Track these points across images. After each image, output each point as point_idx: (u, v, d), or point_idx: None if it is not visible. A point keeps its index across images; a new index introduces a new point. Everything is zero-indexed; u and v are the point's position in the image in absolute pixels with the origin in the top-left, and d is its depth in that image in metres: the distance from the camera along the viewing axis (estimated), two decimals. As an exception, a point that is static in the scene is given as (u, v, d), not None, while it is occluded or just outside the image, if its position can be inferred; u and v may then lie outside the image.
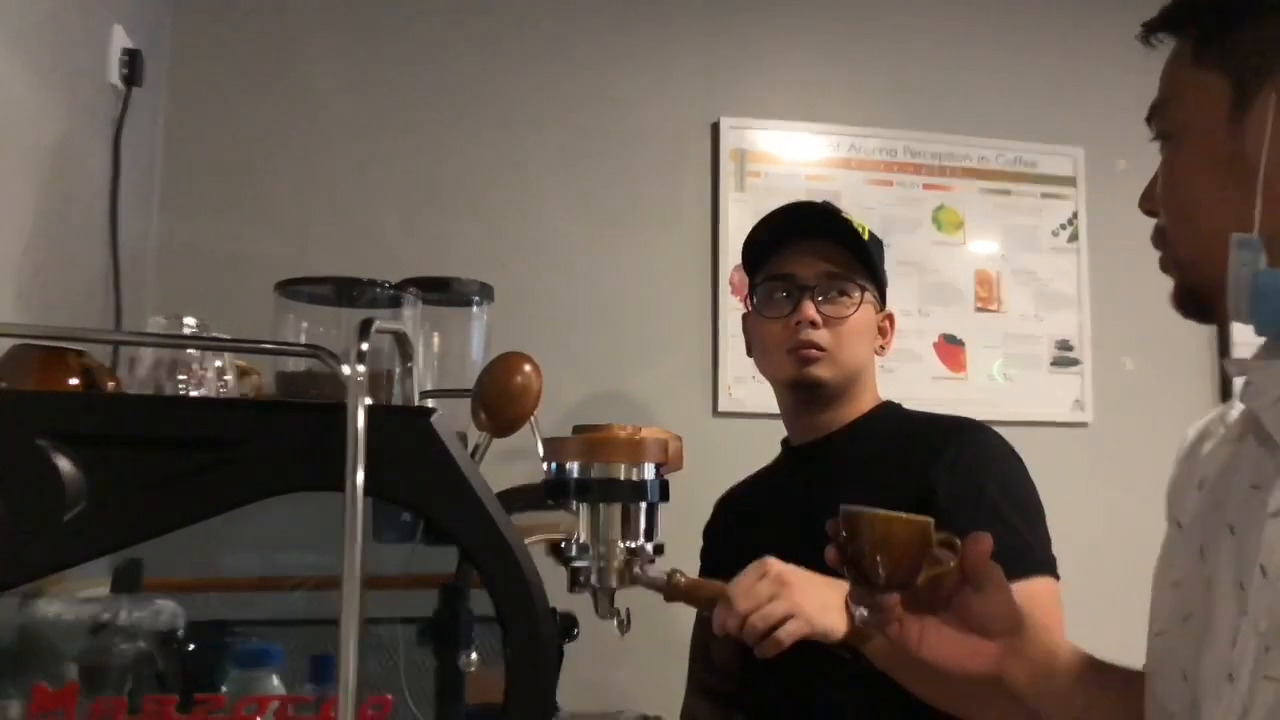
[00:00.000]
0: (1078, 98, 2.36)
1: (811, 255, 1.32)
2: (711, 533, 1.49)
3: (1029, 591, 1.12)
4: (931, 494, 1.19)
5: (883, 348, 1.40)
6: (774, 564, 1.04)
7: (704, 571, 1.44)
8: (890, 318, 1.41)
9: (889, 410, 1.38)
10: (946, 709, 1.09)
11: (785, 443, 1.44)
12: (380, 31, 2.16)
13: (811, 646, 1.04)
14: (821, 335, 1.29)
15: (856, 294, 1.32)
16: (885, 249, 1.44)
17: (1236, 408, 0.85)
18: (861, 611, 1.02)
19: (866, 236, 1.36)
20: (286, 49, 2.11)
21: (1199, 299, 0.78)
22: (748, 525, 1.39)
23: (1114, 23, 0.84)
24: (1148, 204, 0.81)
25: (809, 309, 1.30)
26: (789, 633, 1.00)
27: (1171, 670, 0.78)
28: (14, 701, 0.91)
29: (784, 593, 1.01)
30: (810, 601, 1.01)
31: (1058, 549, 1.22)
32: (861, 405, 1.36)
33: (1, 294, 1.25)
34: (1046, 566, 1.18)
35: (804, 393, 1.34)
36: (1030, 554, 1.17)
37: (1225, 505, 0.79)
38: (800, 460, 1.37)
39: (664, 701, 1.38)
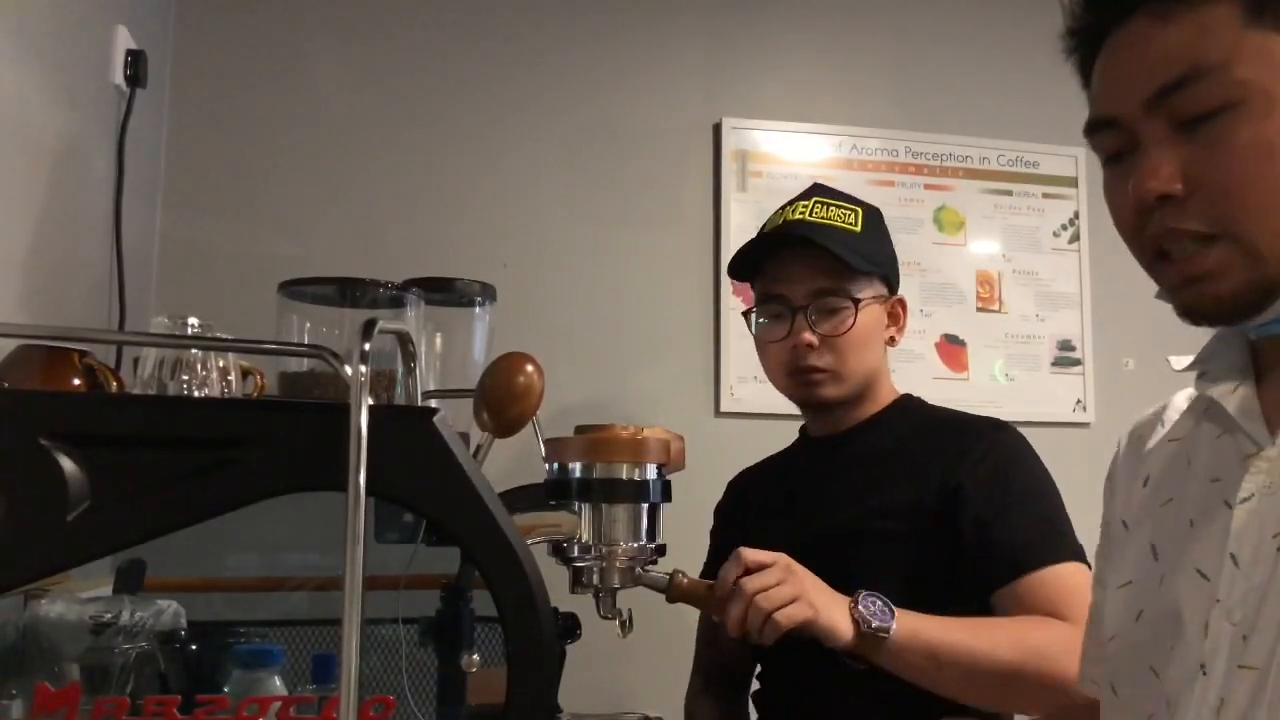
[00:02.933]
0: (1079, 98, 2.35)
1: (800, 272, 1.27)
2: (724, 515, 1.47)
3: (1061, 577, 1.13)
4: (956, 490, 1.18)
5: (894, 339, 1.34)
6: (783, 557, 1.04)
7: (714, 552, 1.43)
8: (901, 302, 1.35)
9: (909, 404, 1.35)
10: (964, 701, 1.09)
11: (803, 431, 1.43)
12: (382, 32, 2.16)
13: (821, 649, 1.04)
14: (821, 356, 1.26)
15: (851, 305, 1.26)
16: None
17: (1175, 407, 0.85)
18: (868, 620, 1.02)
19: (860, 227, 1.29)
20: (289, 50, 2.11)
21: (1262, 295, 0.68)
22: (765, 515, 1.36)
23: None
24: (1171, 185, 0.68)
25: (804, 333, 1.26)
26: (790, 615, 0.99)
27: (1139, 670, 0.77)
28: (16, 701, 0.91)
29: (791, 579, 1.01)
30: (818, 594, 1.01)
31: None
32: (880, 400, 1.33)
33: (5, 294, 1.25)
34: (1077, 553, 1.17)
35: (813, 410, 1.33)
36: (1062, 540, 1.17)
37: (1180, 501, 0.78)
38: (820, 453, 1.35)
39: (666, 702, 1.38)
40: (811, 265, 1.26)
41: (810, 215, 1.29)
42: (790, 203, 1.33)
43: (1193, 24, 0.68)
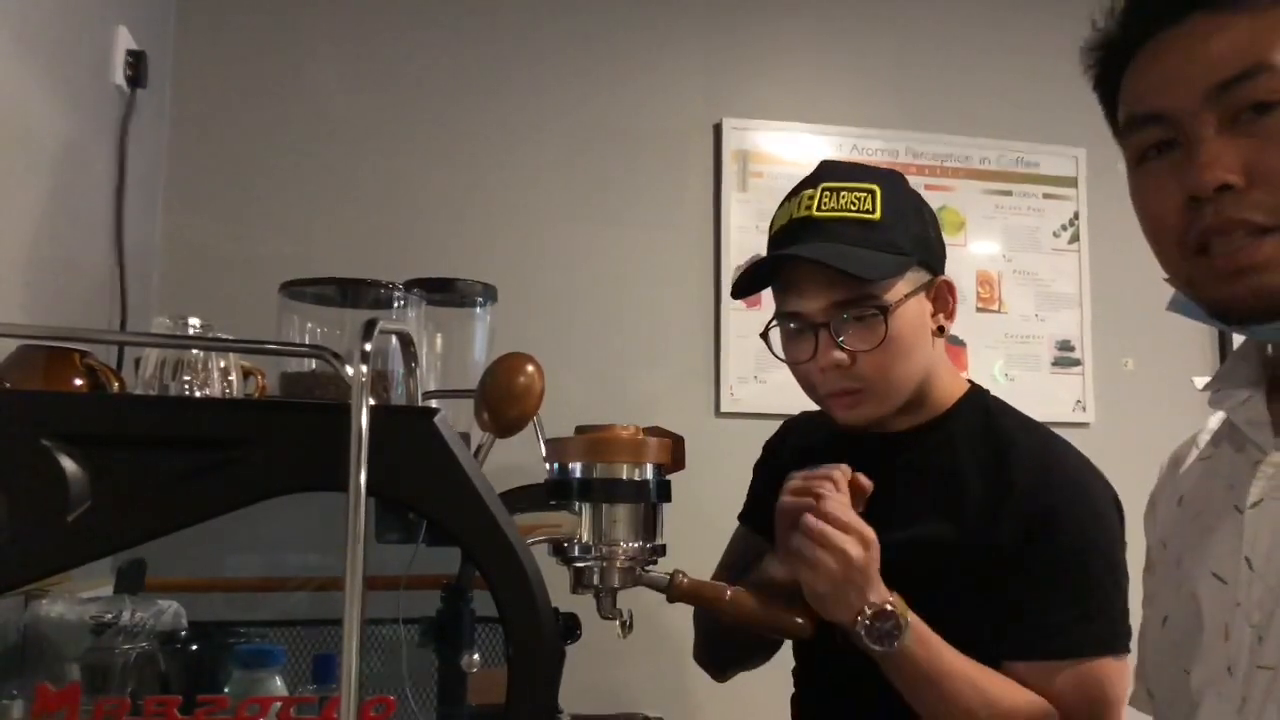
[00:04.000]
0: (1079, 98, 2.34)
1: (815, 282, 1.08)
2: (777, 462, 1.32)
3: (1086, 677, 1.03)
4: (994, 531, 1.06)
5: (942, 329, 1.14)
6: (865, 547, 0.99)
7: (754, 494, 1.36)
8: (947, 284, 1.15)
9: (975, 406, 1.17)
10: None
11: None
12: (383, 32, 2.16)
13: (861, 665, 1.01)
14: (857, 375, 1.09)
15: (880, 314, 1.07)
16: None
17: (1206, 430, 0.87)
18: (864, 638, 1.00)
19: (879, 212, 1.09)
20: (290, 50, 2.12)
21: None
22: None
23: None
24: (1233, 176, 0.69)
25: (830, 354, 1.08)
26: (808, 583, 0.99)
27: (1173, 673, 0.79)
28: (17, 701, 0.91)
29: (847, 569, 0.97)
30: (845, 591, 0.98)
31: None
32: (939, 400, 1.16)
33: (7, 294, 1.25)
34: (1115, 640, 1.04)
35: (859, 431, 1.16)
36: (1096, 627, 1.04)
37: (1203, 513, 0.80)
38: (867, 457, 1.12)
39: (666, 702, 1.38)
40: (828, 273, 1.07)
41: (818, 209, 1.10)
42: (796, 191, 1.15)
43: (1254, 22, 0.69)
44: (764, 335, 1.17)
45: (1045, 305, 2.38)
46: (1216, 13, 0.71)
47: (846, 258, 1.06)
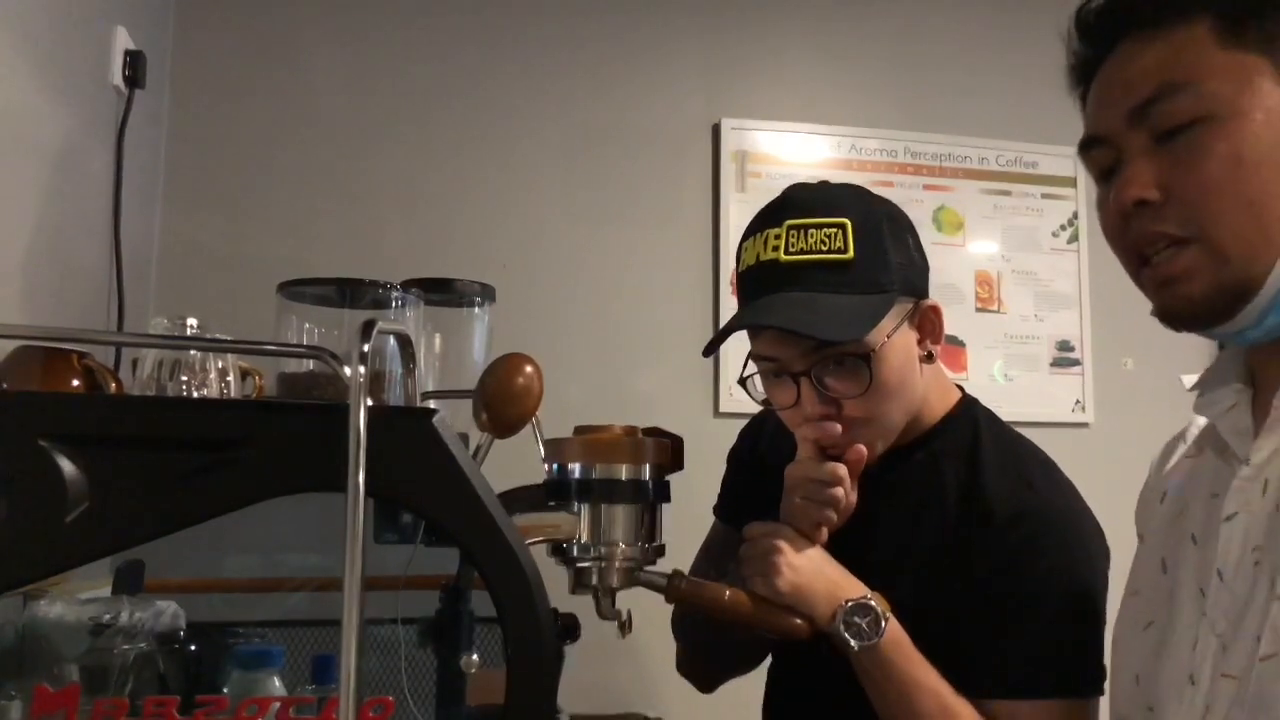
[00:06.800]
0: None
1: (792, 334, 1.00)
2: (753, 457, 1.30)
3: (1057, 717, 1.00)
4: (973, 569, 1.03)
5: (931, 354, 1.07)
6: (791, 552, 1.01)
7: (730, 491, 1.34)
8: (932, 309, 1.07)
9: (964, 423, 1.11)
10: None
11: None
12: (381, 32, 2.16)
13: (837, 667, 1.01)
14: (842, 422, 1.02)
15: (863, 360, 1.00)
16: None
17: (1197, 423, 0.88)
18: (844, 636, 1.00)
19: (851, 249, 1.00)
20: (288, 50, 2.12)
21: (1231, 299, 0.71)
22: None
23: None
24: (1149, 192, 0.72)
25: (815, 406, 1.02)
26: (767, 584, 1.01)
27: (1125, 676, 0.80)
28: (15, 702, 0.91)
29: (772, 571, 1.00)
30: (792, 587, 1.00)
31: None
32: (931, 414, 1.10)
33: (5, 295, 1.25)
34: (1085, 683, 0.99)
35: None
36: (1066, 667, 1.00)
37: (1187, 516, 0.81)
38: (870, 468, 1.07)
39: (666, 702, 1.38)
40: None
41: (785, 253, 1.02)
42: (761, 227, 1.06)
43: (1168, 45, 0.73)
44: (742, 382, 1.10)
45: (1044, 305, 2.38)
46: (1140, 34, 0.75)
47: (819, 314, 0.99)
